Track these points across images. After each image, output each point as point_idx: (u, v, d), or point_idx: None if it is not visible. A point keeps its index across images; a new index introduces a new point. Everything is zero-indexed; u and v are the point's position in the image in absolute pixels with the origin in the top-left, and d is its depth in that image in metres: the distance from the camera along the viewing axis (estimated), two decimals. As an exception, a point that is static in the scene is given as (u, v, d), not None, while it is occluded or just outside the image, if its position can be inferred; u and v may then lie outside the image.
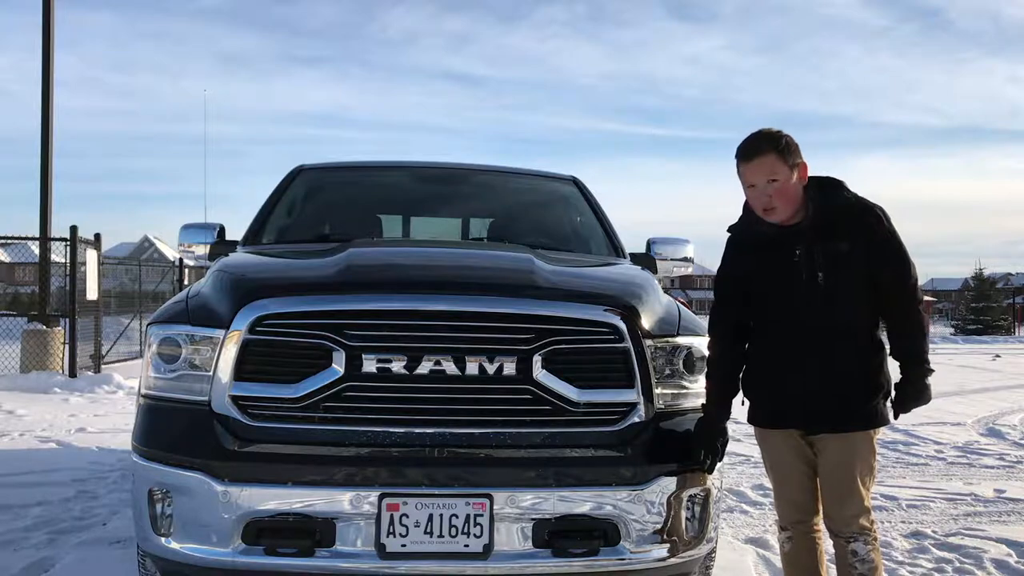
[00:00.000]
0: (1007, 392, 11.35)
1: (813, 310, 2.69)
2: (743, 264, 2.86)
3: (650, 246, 4.63)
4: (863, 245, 2.69)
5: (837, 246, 2.69)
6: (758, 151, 2.70)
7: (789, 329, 2.75)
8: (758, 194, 2.71)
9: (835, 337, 2.70)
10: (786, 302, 2.74)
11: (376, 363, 2.54)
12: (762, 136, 2.73)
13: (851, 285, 2.70)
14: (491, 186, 4.90)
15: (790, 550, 2.90)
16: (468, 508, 2.49)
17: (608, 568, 2.59)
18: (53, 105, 11.91)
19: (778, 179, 2.67)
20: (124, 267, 21.86)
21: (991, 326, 33.08)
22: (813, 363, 2.70)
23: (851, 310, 2.71)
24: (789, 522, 2.88)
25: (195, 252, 4.54)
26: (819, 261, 2.69)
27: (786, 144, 2.69)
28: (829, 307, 2.69)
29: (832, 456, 2.73)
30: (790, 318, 2.74)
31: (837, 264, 2.69)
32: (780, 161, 2.67)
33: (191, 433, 2.60)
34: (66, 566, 3.75)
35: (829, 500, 2.77)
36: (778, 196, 2.68)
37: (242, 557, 2.50)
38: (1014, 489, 5.60)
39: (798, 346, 2.72)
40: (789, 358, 2.74)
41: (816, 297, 2.69)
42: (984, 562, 4.01)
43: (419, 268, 3.13)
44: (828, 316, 2.69)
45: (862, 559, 2.70)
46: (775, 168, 2.67)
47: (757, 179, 2.70)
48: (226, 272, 2.97)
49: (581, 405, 2.62)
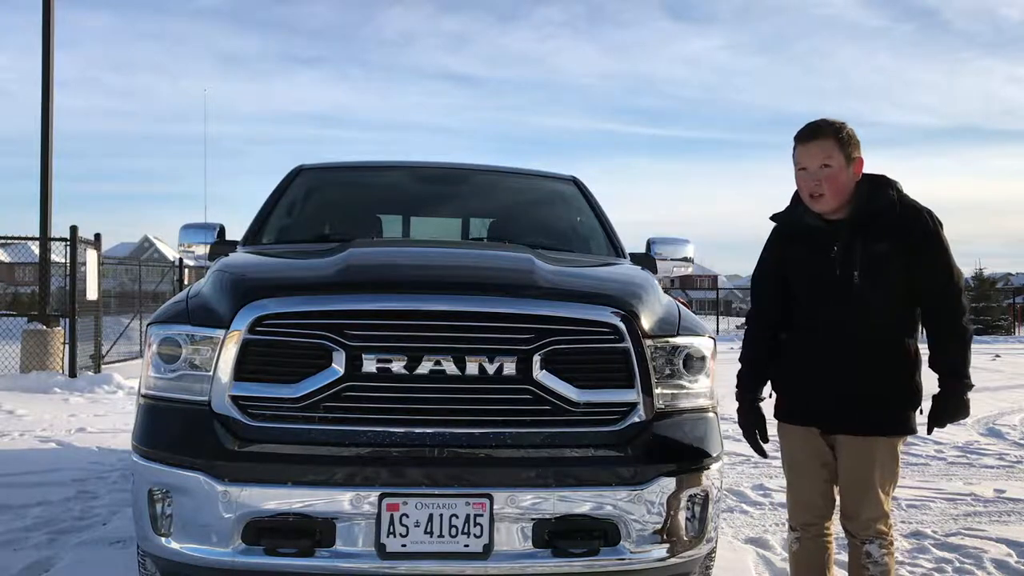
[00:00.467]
0: (1007, 392, 11.35)
1: (846, 310, 2.67)
2: (782, 253, 2.88)
3: (650, 246, 4.63)
4: (906, 248, 2.62)
5: (877, 246, 2.64)
6: (817, 133, 2.70)
7: (822, 327, 2.74)
8: (808, 177, 2.71)
9: (867, 340, 2.66)
10: (820, 299, 2.74)
11: (376, 363, 2.54)
12: (824, 121, 2.74)
13: (888, 288, 2.65)
14: (491, 186, 4.90)
15: (797, 551, 2.88)
16: (468, 508, 2.49)
17: (608, 568, 2.59)
18: (53, 105, 11.91)
19: (832, 165, 2.67)
20: (124, 267, 21.87)
21: (991, 326, 33.04)
22: (842, 364, 2.68)
23: (886, 313, 2.66)
24: (800, 523, 2.86)
25: (195, 252, 4.54)
26: (856, 260, 2.64)
27: (847, 135, 2.70)
28: (863, 308, 2.65)
29: (852, 458, 2.72)
30: (823, 316, 2.73)
31: (876, 265, 2.63)
32: (837, 148, 2.67)
33: (191, 433, 2.60)
34: (66, 566, 3.75)
35: (848, 501, 2.76)
36: (828, 181, 2.67)
37: (242, 557, 2.49)
38: (1014, 489, 5.60)
39: (829, 345, 2.71)
40: (819, 356, 2.74)
41: (850, 297, 2.65)
42: (984, 562, 4.01)
43: (419, 268, 3.13)
44: (862, 317, 2.66)
45: (875, 561, 2.70)
46: (831, 153, 2.67)
47: (811, 162, 2.70)
48: (226, 272, 2.97)
49: (581, 405, 2.62)
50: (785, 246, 2.86)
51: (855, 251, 2.65)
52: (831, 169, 2.67)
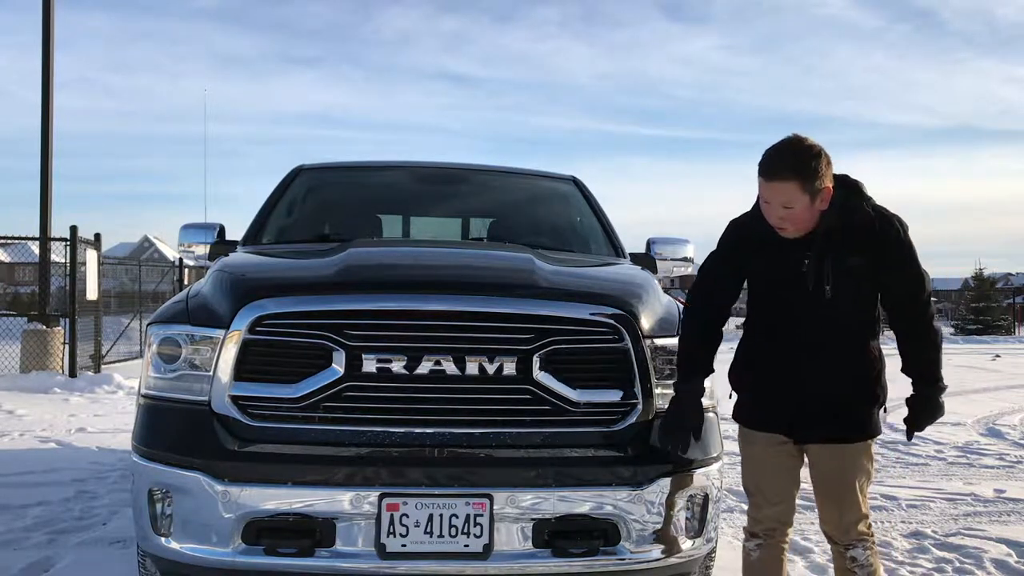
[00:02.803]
0: (1007, 392, 11.35)
1: (816, 320, 2.58)
2: (745, 259, 2.71)
3: (650, 246, 4.63)
4: (877, 257, 2.56)
5: (850, 259, 2.55)
6: (778, 175, 2.48)
7: (787, 335, 2.64)
8: (771, 212, 2.55)
9: (835, 347, 2.60)
10: (787, 309, 2.63)
11: (376, 363, 2.54)
12: (788, 157, 2.49)
13: (857, 297, 2.60)
14: (491, 186, 4.90)
15: (758, 559, 2.75)
16: (468, 508, 2.49)
17: (608, 568, 2.59)
18: (53, 105, 11.91)
19: (794, 207, 2.49)
20: (124, 267, 21.88)
21: (991, 326, 33.03)
22: (810, 371, 2.60)
23: (854, 322, 2.62)
24: (762, 529, 2.74)
25: (195, 252, 4.53)
26: (828, 273, 2.55)
27: (813, 170, 2.46)
28: (832, 318, 2.58)
29: (829, 465, 2.65)
30: (790, 324, 2.63)
31: (847, 276, 2.56)
32: (800, 190, 2.46)
33: (191, 433, 2.60)
34: (66, 566, 3.75)
35: (828, 508, 2.69)
36: (790, 220, 2.53)
37: (242, 557, 2.50)
38: (1014, 489, 5.60)
39: (795, 352, 2.61)
40: (785, 363, 2.63)
41: (821, 308, 2.57)
42: (984, 562, 4.01)
43: (419, 268, 3.13)
44: (830, 326, 2.59)
45: (861, 565, 2.65)
46: (793, 196, 2.47)
47: (772, 199, 2.52)
48: (226, 272, 2.97)
49: (581, 405, 2.62)
50: (750, 254, 2.69)
51: (826, 265, 2.55)
52: (792, 211, 2.50)
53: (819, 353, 2.59)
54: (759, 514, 2.75)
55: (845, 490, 2.64)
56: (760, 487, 2.75)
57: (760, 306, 2.74)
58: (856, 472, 2.64)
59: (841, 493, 2.65)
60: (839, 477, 2.64)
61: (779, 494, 2.72)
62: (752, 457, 2.76)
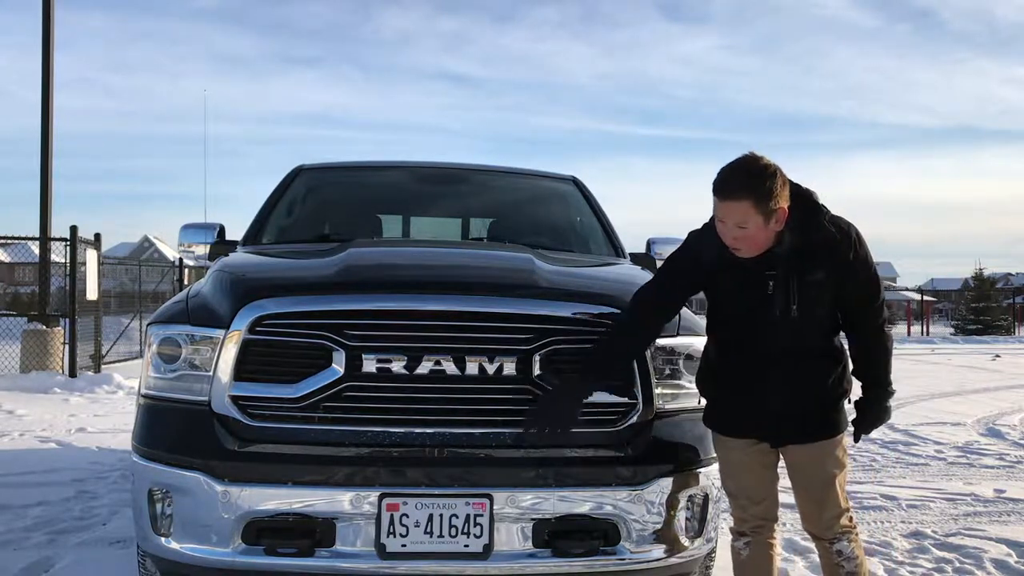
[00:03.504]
0: (1007, 392, 11.34)
1: (781, 334, 2.58)
2: (704, 274, 2.68)
3: (650, 246, 4.63)
4: (836, 270, 2.57)
5: (812, 276, 2.55)
6: (732, 194, 2.45)
7: (752, 348, 2.63)
8: (726, 232, 2.52)
9: (800, 356, 2.61)
10: (752, 325, 2.62)
11: (376, 363, 2.54)
12: (742, 176, 2.46)
13: (822, 311, 2.61)
14: (491, 186, 4.90)
15: (748, 556, 2.76)
16: (468, 508, 2.49)
17: (608, 568, 2.59)
18: (53, 105, 11.91)
19: (747, 227, 2.46)
20: (124, 267, 21.89)
21: (991, 326, 33.03)
22: (777, 380, 2.60)
23: (818, 330, 2.64)
24: (750, 528, 2.75)
25: (195, 252, 4.53)
26: (793, 292, 2.55)
27: (768, 190, 2.43)
28: (797, 331, 2.58)
29: (805, 464, 2.68)
30: (754, 339, 2.62)
31: (811, 295, 2.56)
32: (754, 210, 2.43)
33: (191, 433, 2.60)
34: (66, 566, 3.75)
35: (810, 506, 2.72)
36: (744, 241, 2.50)
37: (242, 557, 2.50)
38: (1014, 489, 5.59)
39: (762, 363, 2.62)
40: (752, 373, 2.64)
41: (786, 326, 2.57)
42: (984, 562, 4.01)
43: (419, 268, 3.13)
44: (795, 339, 2.59)
45: (847, 557, 2.68)
46: (747, 216, 2.44)
47: (726, 218, 2.49)
48: (226, 272, 2.97)
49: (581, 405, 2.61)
50: (711, 270, 2.65)
51: (792, 285, 2.54)
52: (746, 231, 2.47)
53: (785, 363, 2.60)
54: (745, 514, 2.76)
55: (824, 486, 2.67)
56: (742, 489, 2.75)
57: (723, 321, 2.72)
58: (833, 466, 2.67)
59: (821, 489, 2.68)
60: (817, 474, 2.68)
61: (761, 492, 2.74)
62: (730, 461, 2.76)
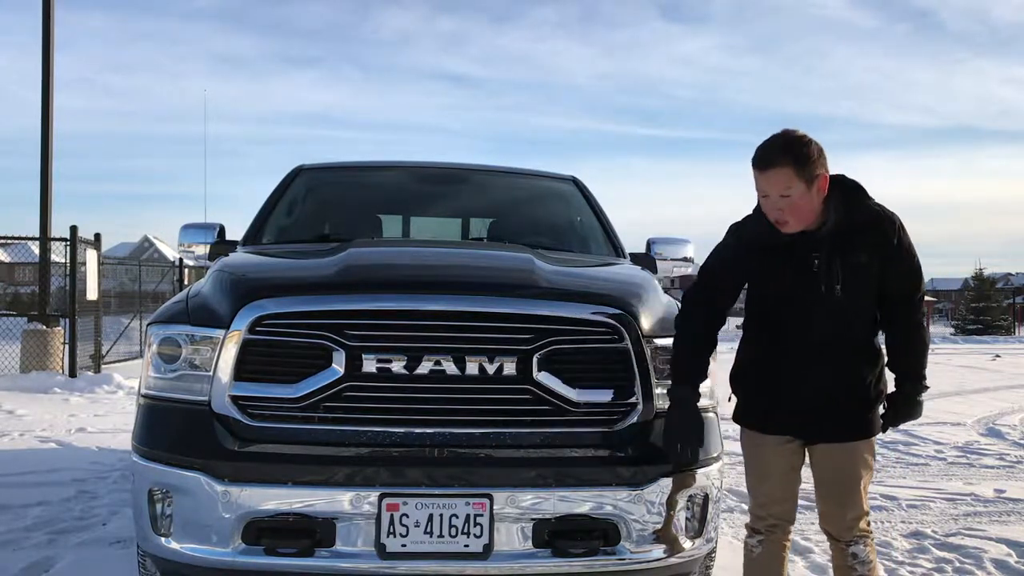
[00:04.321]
0: (1007, 392, 11.35)
1: (826, 322, 2.60)
2: (748, 264, 2.71)
3: (650, 246, 4.63)
4: (880, 257, 2.60)
5: (856, 258, 2.58)
6: (773, 162, 2.51)
7: (795, 336, 2.64)
8: (770, 205, 2.56)
9: (842, 348, 2.63)
10: (797, 310, 2.62)
11: (376, 363, 2.54)
12: (780, 144, 2.53)
13: (865, 298, 2.63)
14: (491, 186, 4.90)
15: (760, 555, 2.77)
16: (468, 508, 2.49)
17: (608, 568, 2.59)
18: (53, 105, 11.91)
19: (791, 194, 2.51)
20: (124, 267, 21.87)
21: (991, 326, 33.06)
22: (818, 373, 2.62)
23: (860, 320, 2.65)
24: (766, 526, 2.77)
25: (195, 252, 4.53)
26: (838, 273, 2.57)
27: (806, 155, 2.49)
28: (841, 317, 2.60)
29: (835, 464, 2.68)
30: (799, 326, 2.63)
31: (855, 277, 2.58)
32: (795, 175, 2.49)
33: (191, 433, 2.59)
34: (66, 566, 3.75)
35: (832, 506, 2.71)
36: (791, 211, 2.53)
37: (242, 557, 2.49)
38: (1014, 489, 5.60)
39: (803, 354, 2.63)
40: (793, 365, 2.65)
41: (829, 308, 2.58)
42: (984, 562, 4.01)
43: (419, 268, 3.13)
44: (839, 326, 2.61)
45: (861, 561, 2.67)
46: (790, 182, 2.49)
47: (770, 190, 2.54)
48: (226, 272, 2.97)
49: (581, 405, 2.62)
50: (756, 258, 2.68)
51: (835, 265, 2.57)
52: (791, 198, 2.51)
53: (827, 353, 2.62)
54: (764, 512, 2.77)
55: (851, 487, 2.67)
56: (767, 486, 2.76)
57: (766, 309, 2.73)
58: (862, 468, 2.68)
59: (847, 490, 2.67)
60: (845, 475, 2.67)
61: (784, 493, 2.75)
62: (759, 457, 2.77)
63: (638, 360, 2.67)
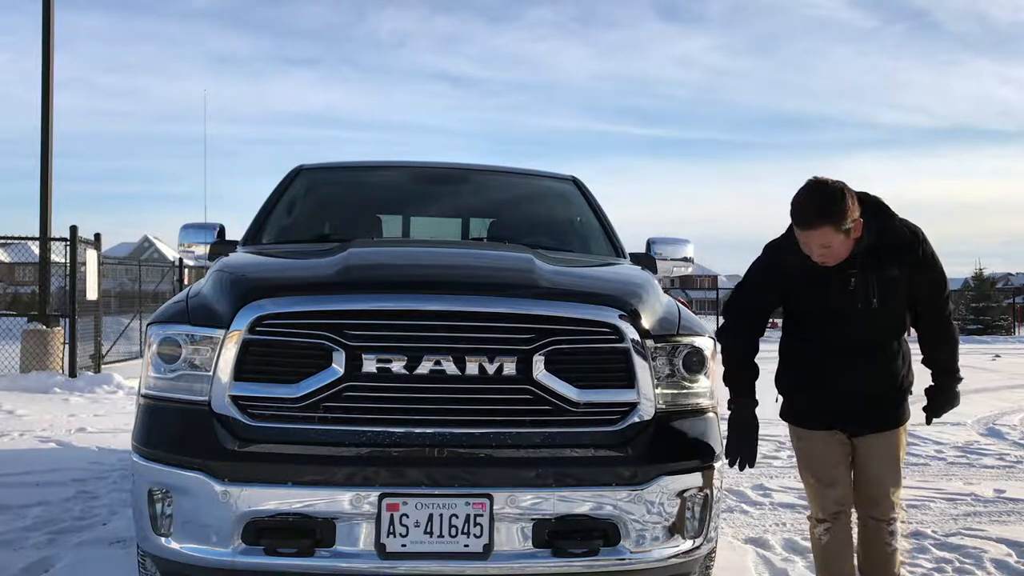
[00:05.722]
0: (1007, 392, 11.34)
1: (864, 329, 2.88)
2: (788, 282, 2.95)
3: (650, 246, 4.63)
4: (910, 268, 2.87)
5: (888, 272, 2.84)
6: (811, 224, 2.73)
7: (837, 343, 2.91)
8: (811, 251, 2.80)
9: (878, 349, 2.93)
10: (837, 322, 2.89)
11: (376, 363, 2.54)
12: (817, 206, 2.72)
13: (898, 305, 2.91)
14: (491, 186, 4.90)
15: (829, 541, 3.01)
16: (468, 508, 2.49)
17: (608, 568, 2.59)
18: (53, 105, 11.90)
19: (831, 246, 2.76)
20: (124, 267, 21.89)
21: (991, 326, 33.00)
22: (859, 374, 2.90)
23: (893, 325, 2.94)
24: (830, 514, 3.00)
25: (195, 252, 4.54)
26: (874, 288, 2.84)
27: (842, 211, 2.71)
28: (878, 325, 2.89)
29: (880, 453, 2.97)
30: (840, 335, 2.90)
31: (888, 289, 2.85)
32: (833, 231, 2.72)
33: (191, 433, 2.59)
34: (66, 566, 3.75)
35: (879, 491, 2.99)
36: (828, 256, 2.79)
37: (242, 557, 2.49)
38: (1014, 489, 5.60)
39: (845, 358, 2.90)
40: (836, 368, 2.92)
41: (868, 318, 2.86)
42: (984, 562, 4.01)
43: (419, 268, 3.13)
44: (877, 333, 2.91)
45: (895, 535, 3.03)
46: (829, 238, 2.73)
47: (811, 244, 2.77)
48: (226, 272, 2.97)
49: (581, 405, 2.62)
50: (793, 277, 2.93)
51: (871, 281, 2.84)
52: (830, 248, 2.77)
53: (866, 355, 2.91)
54: (825, 501, 3.01)
55: (895, 468, 3.00)
56: (824, 476, 3.01)
57: (808, 322, 2.98)
58: (901, 450, 3.03)
59: (893, 471, 3.00)
60: (891, 459, 2.99)
61: (840, 478, 3.00)
62: (812, 451, 3.03)
63: (638, 360, 2.67)
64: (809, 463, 3.05)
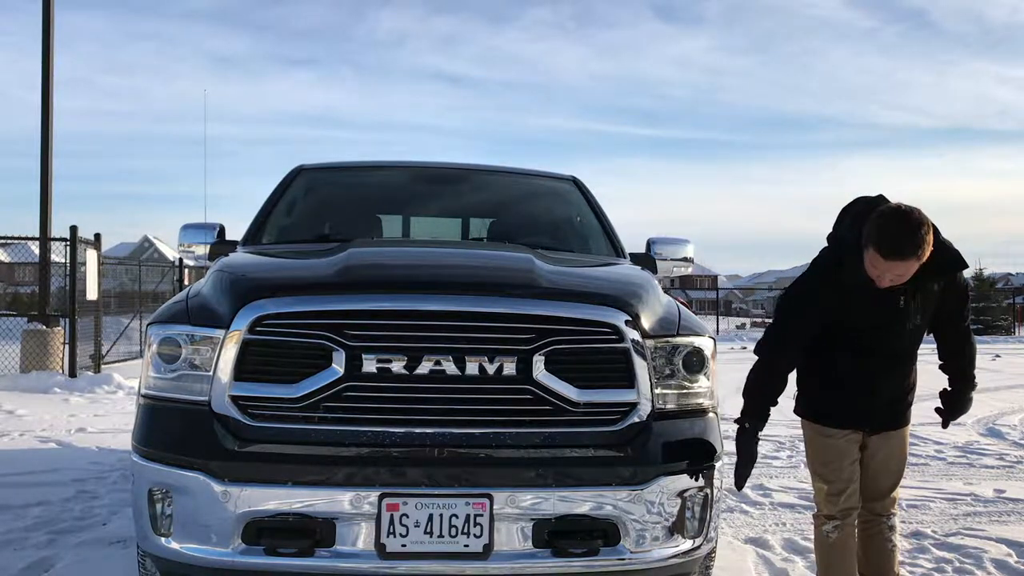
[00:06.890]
0: (1007, 392, 11.34)
1: (903, 341, 3.04)
2: (833, 299, 2.98)
3: (650, 246, 4.63)
4: (944, 283, 3.00)
5: (931, 288, 2.97)
6: (904, 257, 2.74)
7: (876, 353, 3.02)
8: (882, 278, 2.84)
9: (909, 356, 3.11)
10: (881, 335, 3.00)
11: (376, 363, 2.54)
12: (909, 241, 2.72)
13: (927, 320, 3.06)
14: (491, 186, 4.90)
15: (838, 538, 3.09)
16: (468, 508, 2.49)
17: (608, 568, 2.59)
18: (53, 105, 11.90)
19: (905, 276, 2.83)
20: (124, 267, 21.89)
21: (991, 326, 32.97)
22: (892, 379, 3.07)
23: (923, 334, 3.11)
24: (840, 511, 3.08)
25: (195, 252, 4.53)
26: (919, 306, 2.98)
27: (927, 244, 2.75)
28: (915, 337, 3.07)
29: (893, 448, 3.12)
30: (881, 345, 3.02)
31: (928, 303, 3.01)
32: (917, 262, 2.77)
33: (191, 433, 2.59)
34: (66, 566, 3.75)
35: (887, 486, 3.14)
36: (898, 280, 2.85)
37: (242, 557, 2.50)
38: (1014, 489, 5.60)
39: (882, 366, 3.04)
40: (872, 375, 3.03)
41: (909, 332, 3.02)
42: (984, 562, 4.01)
43: (419, 268, 3.13)
44: (911, 343, 3.07)
45: (894, 530, 3.16)
46: (908, 271, 2.80)
47: (888, 272, 2.80)
48: (226, 272, 2.97)
49: (581, 405, 2.62)
50: (848, 297, 2.95)
51: (917, 300, 2.96)
52: (904, 275, 2.83)
53: (898, 363, 3.08)
54: (839, 498, 3.08)
55: (902, 464, 3.17)
56: (838, 473, 3.09)
57: (851, 334, 3.03)
58: (907, 447, 3.20)
59: (899, 467, 3.16)
60: (900, 455, 3.16)
61: (853, 477, 3.09)
62: (831, 449, 3.10)
63: (638, 360, 2.67)
64: (830, 460, 3.11)
